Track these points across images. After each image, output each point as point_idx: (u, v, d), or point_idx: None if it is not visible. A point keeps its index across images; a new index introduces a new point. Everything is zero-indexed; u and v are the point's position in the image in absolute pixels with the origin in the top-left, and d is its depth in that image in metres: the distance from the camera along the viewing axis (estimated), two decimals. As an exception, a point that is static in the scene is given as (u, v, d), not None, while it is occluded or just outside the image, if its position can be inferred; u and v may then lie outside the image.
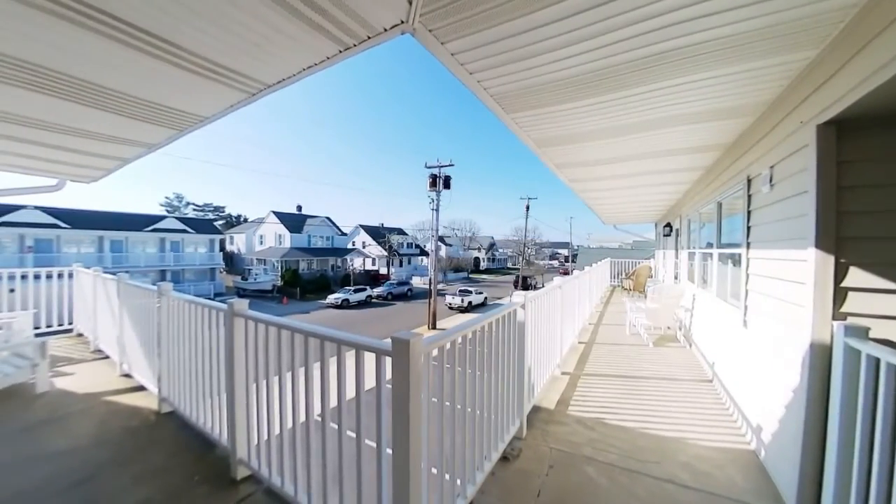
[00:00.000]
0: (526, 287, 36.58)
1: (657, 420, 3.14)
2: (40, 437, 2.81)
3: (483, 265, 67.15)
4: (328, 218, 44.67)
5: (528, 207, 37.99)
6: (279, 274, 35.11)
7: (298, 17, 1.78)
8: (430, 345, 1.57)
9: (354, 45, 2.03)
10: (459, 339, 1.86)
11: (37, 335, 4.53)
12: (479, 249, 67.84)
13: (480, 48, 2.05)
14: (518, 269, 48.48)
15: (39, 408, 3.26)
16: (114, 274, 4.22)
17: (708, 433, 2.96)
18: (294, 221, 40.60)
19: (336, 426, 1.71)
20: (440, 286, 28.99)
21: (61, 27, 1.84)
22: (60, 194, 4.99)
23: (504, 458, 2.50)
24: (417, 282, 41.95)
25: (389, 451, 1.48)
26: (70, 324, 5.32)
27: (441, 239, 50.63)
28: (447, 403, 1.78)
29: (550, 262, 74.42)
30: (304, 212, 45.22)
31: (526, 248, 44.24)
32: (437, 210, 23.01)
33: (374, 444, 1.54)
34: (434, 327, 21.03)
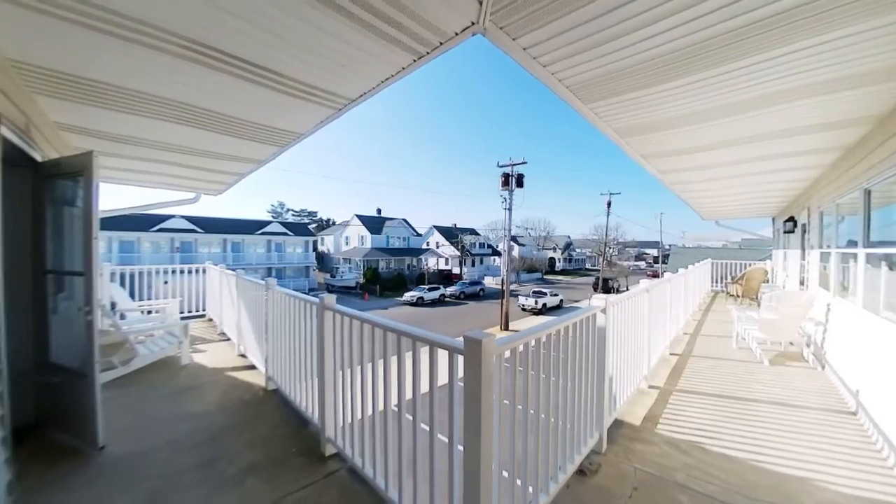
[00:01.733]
0: (607, 290, 33.88)
1: (773, 452, 2.64)
2: (183, 400, 3.48)
3: (559, 266, 63.99)
4: (404, 220, 47.12)
5: (609, 204, 35.00)
6: (361, 272, 38.14)
7: (377, 33, 1.91)
8: (503, 346, 1.55)
9: (427, 53, 2.10)
10: (533, 342, 1.80)
11: (181, 318, 5.63)
12: (554, 249, 64.83)
13: (553, 39, 1.95)
14: (598, 270, 45.13)
15: (183, 377, 4.05)
16: (233, 270, 5.05)
17: (847, 476, 2.39)
18: (374, 223, 43.70)
19: (411, 418, 1.79)
20: (513, 287, 28.45)
21: (195, 69, 2.25)
22: (197, 205, 6.14)
23: (581, 472, 2.35)
24: (489, 282, 41.78)
25: (461, 448, 1.50)
26: (203, 310, 6.49)
27: (514, 238, 49.64)
28: (519, 407, 1.73)
29: (636, 264, 67.76)
30: (382, 214, 48.40)
31: (607, 248, 40.87)
32: (509, 209, 22.63)
33: (446, 440, 1.58)
34: (506, 328, 20.73)
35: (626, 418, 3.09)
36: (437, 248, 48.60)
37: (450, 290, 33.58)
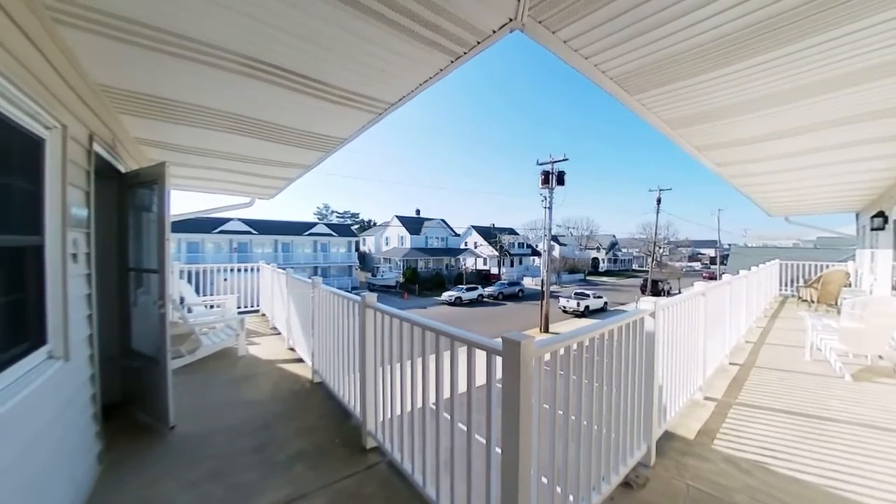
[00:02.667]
0: (656, 293, 31.82)
1: (856, 480, 2.33)
2: (240, 388, 3.78)
3: (603, 267, 61.09)
4: (443, 220, 47.51)
5: (658, 200, 32.79)
6: (401, 271, 39.02)
7: (415, 37, 1.94)
8: (543, 348, 1.51)
9: (465, 53, 2.10)
10: (574, 346, 1.74)
11: (238, 313, 6.11)
12: (597, 249, 61.99)
13: (594, 30, 1.87)
14: (646, 271, 42.51)
15: (240, 367, 4.40)
16: (283, 269, 5.38)
17: (958, 516, 2.04)
18: (413, 224, 44.52)
19: (448, 417, 1.80)
20: (553, 288, 27.63)
21: (250, 83, 2.43)
22: (252, 209, 6.63)
23: (626, 485, 2.22)
24: (529, 283, 40.91)
25: (498, 450, 1.49)
26: (257, 306, 7.00)
27: (554, 238, 48.17)
28: (560, 412, 1.68)
29: (689, 265, 63.03)
30: (421, 215, 49.17)
31: (656, 248, 38.30)
32: (549, 208, 22.02)
33: (483, 441, 1.57)
34: (546, 330, 20.19)
35: (677, 431, 2.88)
36: (476, 248, 48.45)
37: (488, 290, 33.33)
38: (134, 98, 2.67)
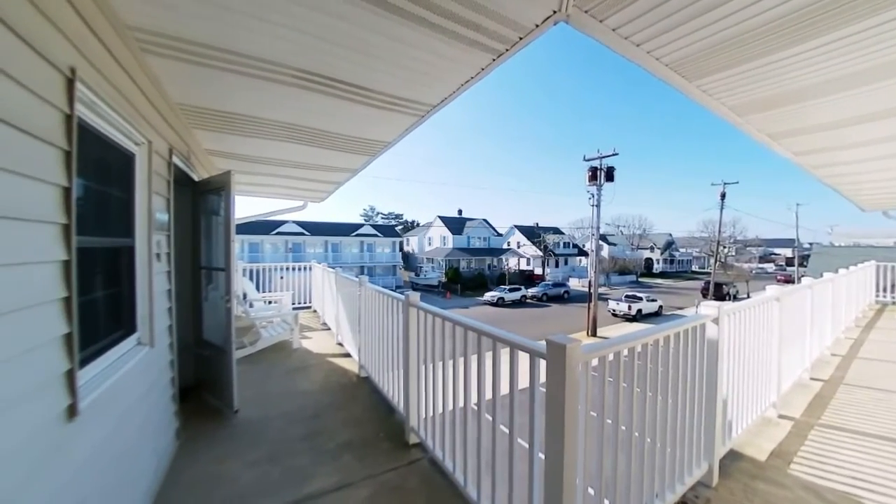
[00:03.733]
0: (720, 297, 29.06)
1: None
2: (294, 378, 4.05)
3: (657, 268, 56.99)
4: (485, 220, 47.24)
5: (723, 195, 29.82)
6: (443, 271, 39.43)
7: (456, 38, 1.95)
8: (590, 353, 1.45)
9: (507, 50, 2.07)
10: (625, 352, 1.64)
11: (293, 309, 6.54)
12: (651, 249, 57.94)
13: (645, 15, 1.75)
14: (708, 273, 38.97)
15: (294, 359, 4.71)
16: (333, 268, 5.68)
17: None
18: (455, 224, 44.76)
19: (490, 419, 1.79)
20: (601, 290, 26.28)
21: (302, 94, 2.59)
22: (305, 212, 7.07)
23: (685, 504, 2.05)
24: (575, 284, 39.33)
25: (542, 455, 1.45)
26: (309, 302, 7.45)
27: (603, 237, 45.85)
28: (609, 421, 1.60)
29: (761, 266, 56.78)
30: (463, 215, 49.30)
31: (720, 247, 34.90)
32: (597, 206, 20.99)
33: (526, 445, 1.54)
34: (594, 334, 19.28)
35: (745, 450, 2.61)
36: (518, 247, 47.54)
37: (531, 291, 32.55)
38: (205, 114, 2.97)
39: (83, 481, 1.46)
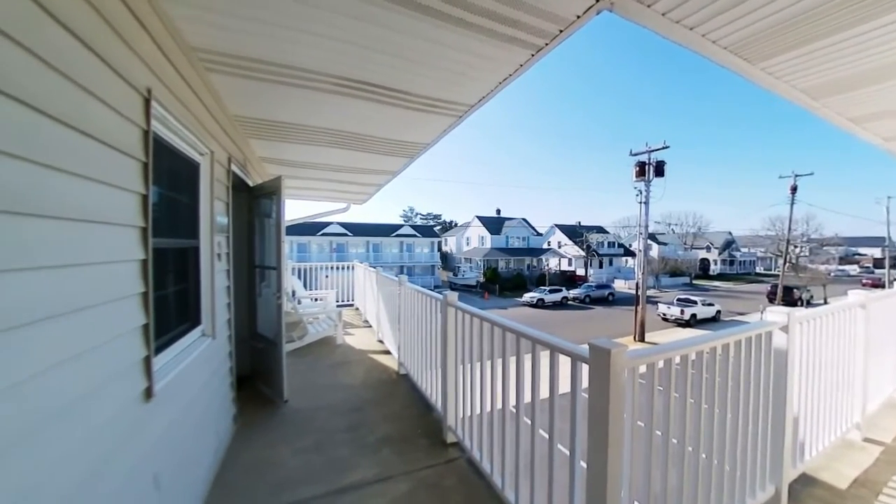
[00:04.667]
0: (791, 302, 26.20)
1: None
2: (338, 372, 4.24)
3: (715, 269, 52.50)
4: (524, 219, 46.36)
5: (794, 189, 26.67)
6: (481, 271, 39.27)
7: (493, 36, 1.93)
8: (637, 359, 1.37)
9: (546, 45, 2.01)
10: (677, 359, 1.53)
11: (337, 306, 6.85)
12: (707, 249, 53.49)
13: (704, -7, 1.61)
14: (776, 275, 35.20)
15: (337, 354, 4.93)
16: (374, 267, 5.87)
17: None
18: (493, 224, 44.38)
19: (529, 422, 1.75)
20: (650, 292, 24.71)
21: (343, 100, 2.69)
22: (347, 214, 7.38)
23: (747, 528, 1.87)
24: (620, 285, 37.37)
25: (583, 464, 1.39)
26: (352, 300, 7.75)
27: (652, 236, 43.06)
28: (658, 433, 1.50)
29: (841, 269, 50.39)
30: (502, 214, 48.74)
31: (790, 247, 31.33)
32: (646, 203, 19.77)
33: (566, 451, 1.48)
34: (642, 340, 18.20)
35: (821, 475, 2.32)
36: (560, 247, 46.08)
37: (573, 292, 31.42)
38: (258, 124, 3.20)
39: (157, 456, 1.63)
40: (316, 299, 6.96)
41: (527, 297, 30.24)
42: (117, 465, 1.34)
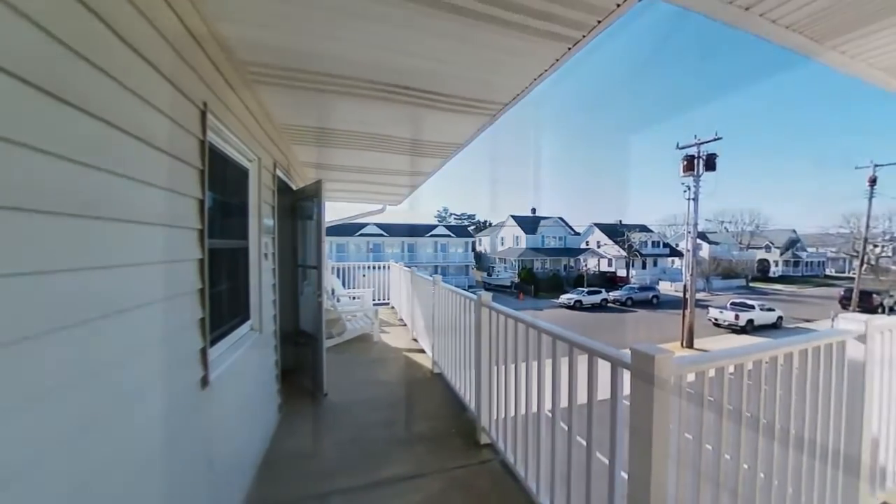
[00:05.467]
0: (870, 308, 23.26)
1: None
2: (374, 369, 4.36)
3: (775, 270, 47.84)
4: (560, 218, 45.02)
5: (873, 181, 23.56)
6: (516, 272, 38.66)
7: (527, 31, 1.88)
8: (685, 366, 1.28)
9: (583, 37, 1.93)
10: (731, 368, 1.41)
11: (373, 305, 7.05)
12: (767, 248, 48.85)
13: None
14: (850, 278, 31.43)
15: (374, 351, 5.07)
16: (409, 267, 5.97)
17: None
18: (528, 223, 43.51)
19: (566, 428, 1.69)
20: (700, 296, 22.96)
21: (379, 105, 2.75)
22: (383, 215, 7.56)
23: (815, 559, 1.68)
24: (666, 288, 35.20)
25: (624, 475, 1.32)
26: (387, 299, 7.94)
27: (701, 235, 40.07)
28: (708, 447, 1.39)
29: (933, 271, 43.85)
30: (537, 214, 47.67)
31: (871, 246, 27.73)
32: (694, 199, 18.45)
33: (605, 460, 1.42)
34: (690, 346, 17.02)
35: (909, 505, 2.04)
36: (599, 247, 44.22)
37: (613, 294, 30.00)
38: (301, 130, 3.37)
39: (212, 440, 1.77)
40: (354, 297, 7.21)
41: (564, 298, 29.27)
42: (179, 446, 1.47)
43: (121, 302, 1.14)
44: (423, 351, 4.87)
